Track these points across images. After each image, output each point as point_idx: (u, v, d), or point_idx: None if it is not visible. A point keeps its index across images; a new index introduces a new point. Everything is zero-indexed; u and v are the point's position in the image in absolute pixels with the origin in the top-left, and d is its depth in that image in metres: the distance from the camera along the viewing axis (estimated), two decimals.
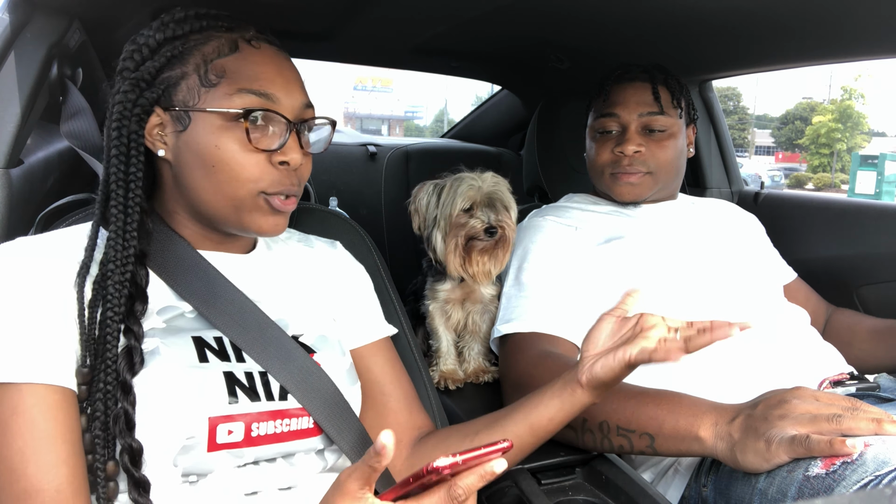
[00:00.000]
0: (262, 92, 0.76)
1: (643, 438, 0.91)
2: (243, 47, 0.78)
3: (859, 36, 1.40)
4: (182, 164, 0.78)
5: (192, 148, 0.76)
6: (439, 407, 1.07)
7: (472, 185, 1.22)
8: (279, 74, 0.79)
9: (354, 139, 2.64)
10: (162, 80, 0.76)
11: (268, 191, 0.78)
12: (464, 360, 1.36)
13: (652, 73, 1.32)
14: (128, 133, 0.75)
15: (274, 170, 0.78)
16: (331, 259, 0.99)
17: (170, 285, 0.78)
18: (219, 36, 0.78)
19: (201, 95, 0.76)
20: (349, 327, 0.95)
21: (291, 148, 0.78)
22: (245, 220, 0.79)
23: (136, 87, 0.76)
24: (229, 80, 0.76)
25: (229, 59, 0.77)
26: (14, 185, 1.02)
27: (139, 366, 0.69)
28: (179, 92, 0.76)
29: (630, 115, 1.30)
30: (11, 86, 1.02)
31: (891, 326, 1.30)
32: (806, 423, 0.78)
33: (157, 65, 0.76)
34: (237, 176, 0.76)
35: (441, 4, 1.33)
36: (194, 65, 0.76)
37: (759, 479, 0.82)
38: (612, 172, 1.32)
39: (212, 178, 0.76)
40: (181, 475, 0.70)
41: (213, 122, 0.75)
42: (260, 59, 0.79)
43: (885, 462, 0.70)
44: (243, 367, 0.76)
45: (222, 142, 0.75)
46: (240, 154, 0.76)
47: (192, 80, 0.76)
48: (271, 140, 0.77)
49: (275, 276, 0.89)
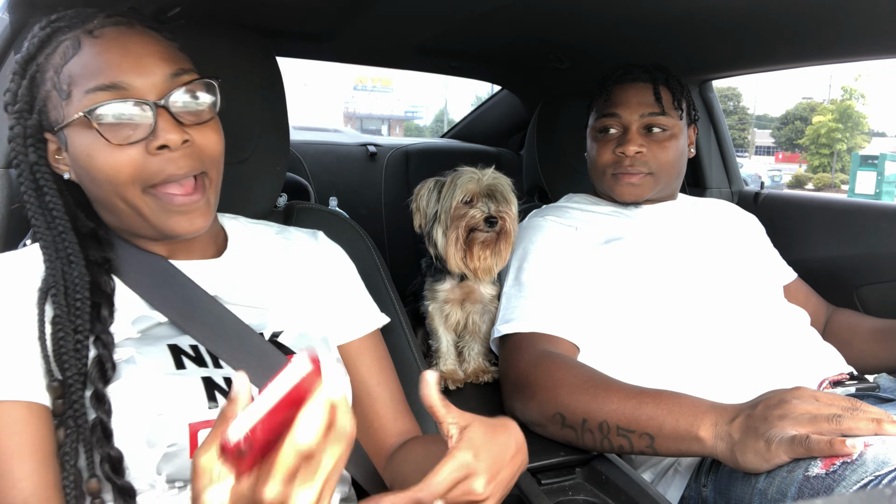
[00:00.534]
0: (108, 84, 0.70)
1: (643, 438, 0.91)
2: (85, 42, 0.72)
3: (859, 36, 1.40)
4: (81, 181, 0.75)
5: (76, 163, 0.73)
6: None
7: (471, 177, 1.23)
8: (124, 57, 0.72)
9: (354, 139, 2.64)
10: (36, 105, 0.74)
11: (152, 181, 0.72)
12: (464, 360, 1.36)
13: (653, 74, 1.32)
14: (29, 166, 0.73)
15: (155, 159, 0.71)
16: (311, 250, 0.96)
17: (144, 299, 0.77)
18: (64, 38, 0.73)
19: (64, 109, 0.71)
20: (335, 321, 0.93)
21: (164, 129, 0.71)
22: (156, 224, 0.74)
23: (19, 118, 0.73)
24: (77, 84, 0.70)
25: (73, 62, 0.71)
26: (14, 185, 1.02)
27: (111, 373, 0.69)
28: (51, 112, 0.73)
29: (631, 116, 1.30)
30: None
31: (891, 326, 1.30)
32: (806, 424, 0.78)
33: (25, 90, 0.73)
34: (115, 178, 0.71)
35: (441, 4, 1.33)
36: (51, 80, 0.72)
37: (758, 479, 0.82)
38: (614, 173, 1.32)
39: (99, 187, 0.73)
40: (166, 482, 0.70)
41: (78, 131, 0.71)
42: (101, 48, 0.72)
43: (885, 462, 0.70)
44: (221, 373, 0.76)
45: (91, 148, 0.70)
46: (110, 154, 0.70)
47: (54, 97, 0.72)
48: (138, 130, 0.71)
49: (249, 276, 0.87)
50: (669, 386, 0.96)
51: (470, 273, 1.26)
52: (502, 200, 1.23)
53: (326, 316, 0.92)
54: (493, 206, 1.22)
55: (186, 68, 0.76)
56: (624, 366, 1.14)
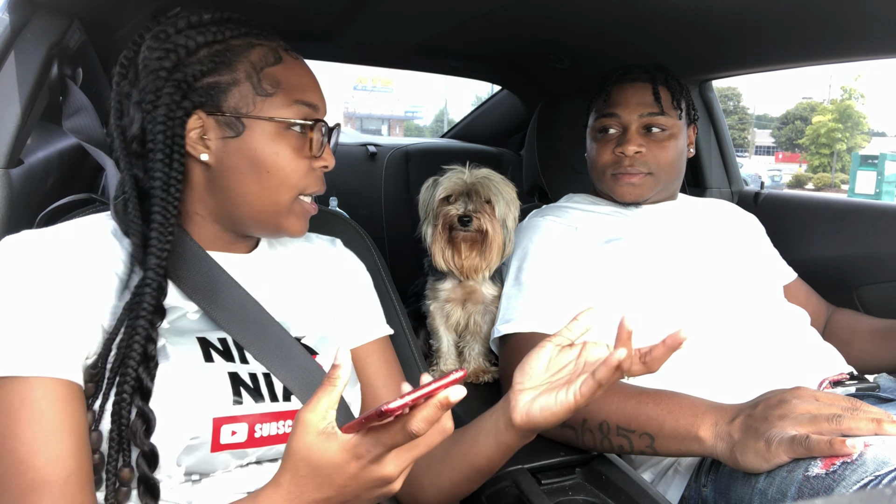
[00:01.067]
0: (311, 103, 0.81)
1: (643, 438, 0.91)
2: (285, 57, 0.81)
3: (859, 36, 1.40)
4: (226, 168, 0.78)
5: (245, 153, 0.77)
6: None
7: (454, 176, 1.24)
8: (317, 85, 0.84)
9: (354, 139, 2.64)
10: (208, 85, 0.76)
11: (305, 191, 0.82)
12: (464, 360, 1.36)
13: (653, 74, 1.32)
14: (172, 136, 0.75)
15: (313, 174, 0.83)
16: (331, 257, 0.99)
17: (175, 283, 0.78)
18: (259, 44, 0.80)
19: (257, 104, 0.77)
20: (348, 326, 0.95)
21: (328, 153, 0.84)
22: (282, 223, 0.82)
23: (178, 88, 0.75)
24: (283, 90, 0.79)
25: (278, 69, 0.79)
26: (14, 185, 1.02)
27: (155, 370, 0.70)
28: (230, 98, 0.77)
29: (631, 116, 1.30)
30: (11, 86, 1.02)
31: (891, 326, 1.30)
32: (806, 424, 0.78)
33: (202, 68, 0.76)
34: (287, 181, 0.80)
35: (441, 4, 1.33)
36: (245, 72, 0.77)
37: (758, 479, 0.82)
38: (613, 173, 1.32)
39: (262, 182, 0.79)
40: (184, 474, 0.70)
41: (270, 129, 0.78)
42: (301, 69, 0.83)
43: (885, 462, 0.70)
44: (247, 369, 0.76)
45: (279, 148, 0.78)
46: (293, 160, 0.80)
47: (245, 88, 0.77)
48: (316, 147, 0.82)
49: (276, 275, 0.89)
50: (669, 386, 0.96)
51: (457, 271, 1.27)
52: (480, 200, 1.24)
53: (341, 321, 0.95)
54: (470, 205, 1.22)
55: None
56: None
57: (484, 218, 1.23)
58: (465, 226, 1.22)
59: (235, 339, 0.78)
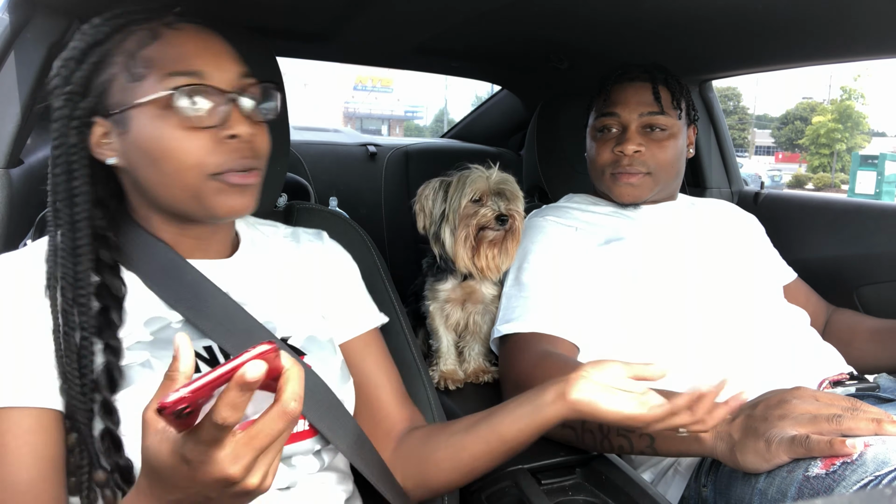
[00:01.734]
0: (189, 71, 0.73)
1: (643, 438, 0.91)
2: (164, 33, 0.75)
3: (859, 36, 1.40)
4: (133, 165, 0.76)
5: (137, 146, 0.74)
6: (438, 407, 1.07)
7: (480, 175, 1.23)
8: (206, 50, 0.76)
9: (354, 139, 2.64)
10: (94, 88, 0.74)
11: (219, 170, 0.74)
12: (464, 360, 1.36)
13: (652, 73, 1.32)
14: (67, 149, 0.73)
15: (223, 147, 0.74)
16: (317, 252, 0.97)
17: (156, 293, 0.77)
18: (138, 28, 0.75)
19: (133, 91, 0.73)
20: (339, 321, 0.94)
21: (236, 120, 0.75)
22: (208, 205, 0.76)
23: (69, 101, 0.73)
24: (155, 67, 0.73)
25: (152, 48, 0.74)
26: (14, 185, 1.02)
27: (119, 381, 0.69)
28: (113, 95, 0.74)
29: (630, 115, 1.30)
30: (11, 86, 1.02)
31: (891, 327, 1.30)
32: (806, 424, 0.78)
33: (84, 73, 0.74)
34: (183, 162, 0.73)
35: (441, 4, 1.33)
36: (120, 63, 0.74)
37: (758, 479, 0.82)
38: (612, 172, 1.31)
39: (161, 170, 0.74)
40: None
41: (150, 113, 0.73)
42: (182, 39, 0.76)
43: (885, 462, 0.70)
44: None
45: (162, 131, 0.72)
46: (183, 139, 0.73)
47: (121, 80, 0.74)
48: (211, 116, 0.74)
49: (260, 278, 0.88)
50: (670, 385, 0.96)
51: (477, 272, 1.26)
52: (512, 198, 1.24)
53: (332, 315, 0.94)
54: (504, 205, 1.22)
55: (250, 72, 0.80)
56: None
57: (519, 216, 1.24)
58: (502, 225, 1.22)
59: (222, 346, 0.77)
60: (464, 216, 1.22)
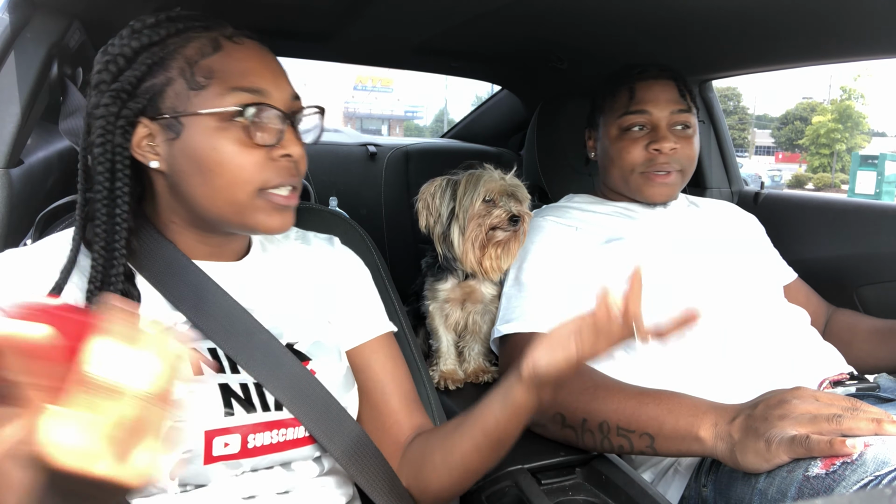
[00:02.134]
0: (253, 88, 0.74)
1: (643, 438, 0.91)
2: (225, 45, 0.75)
3: (859, 36, 1.40)
4: (178, 172, 0.75)
5: (187, 154, 0.74)
6: (439, 407, 1.07)
7: (492, 176, 1.24)
8: (266, 68, 0.77)
9: (354, 139, 2.64)
10: (145, 90, 0.73)
11: (267, 185, 0.75)
12: (464, 360, 1.36)
13: (674, 72, 1.32)
14: (112, 148, 0.72)
15: (274, 164, 0.75)
16: (329, 257, 0.97)
17: (161, 293, 0.77)
18: (198, 36, 0.75)
19: (191, 99, 0.73)
20: (348, 326, 0.93)
21: (290, 140, 0.76)
22: (250, 222, 0.77)
23: (117, 98, 0.72)
24: (218, 79, 0.73)
25: (214, 59, 0.74)
26: (14, 185, 1.02)
27: None
28: (167, 99, 0.73)
29: (661, 113, 1.28)
30: (11, 86, 1.02)
31: (891, 327, 1.30)
32: (806, 424, 0.78)
33: (137, 74, 0.73)
34: (237, 177, 0.74)
35: (441, 4, 1.33)
36: (178, 69, 0.73)
37: (758, 479, 0.82)
38: (643, 171, 1.30)
39: (211, 182, 0.74)
40: (178, 485, 0.70)
41: (208, 124, 0.73)
42: (245, 54, 0.76)
43: (885, 462, 0.70)
44: (238, 379, 0.76)
45: (220, 143, 0.73)
46: (239, 154, 0.73)
47: (179, 85, 0.73)
48: (269, 135, 0.75)
49: (268, 282, 0.87)
50: (670, 386, 0.96)
51: (480, 272, 1.26)
52: (523, 199, 1.26)
53: (339, 321, 0.93)
54: (516, 206, 1.23)
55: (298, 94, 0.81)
56: (625, 365, 1.14)
57: (527, 219, 1.25)
58: (514, 226, 1.23)
59: (222, 348, 0.76)
60: (475, 216, 1.22)
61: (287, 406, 0.77)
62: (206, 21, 0.77)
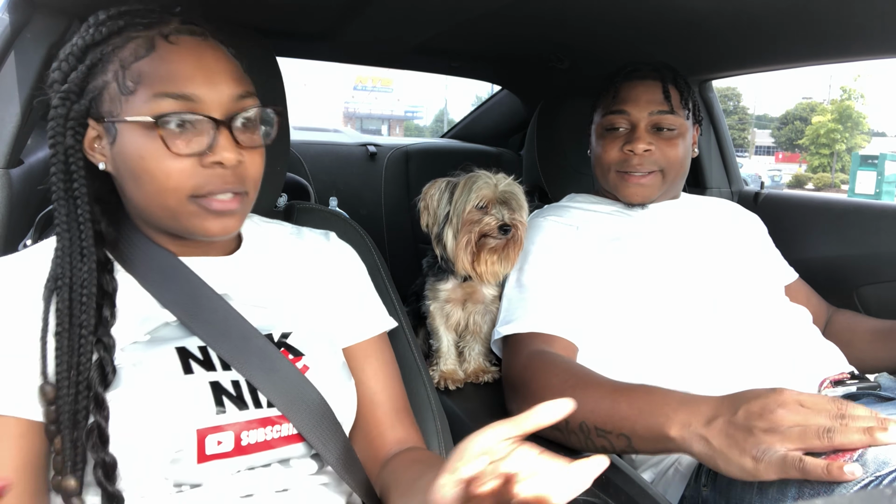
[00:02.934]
0: (179, 94, 0.71)
1: (621, 439, 0.90)
2: (160, 45, 0.73)
3: (859, 36, 1.40)
4: (120, 175, 0.75)
5: (122, 159, 0.73)
6: (439, 407, 1.07)
7: (487, 182, 1.22)
8: (198, 69, 0.73)
9: (354, 139, 2.64)
10: (88, 91, 0.73)
11: (200, 192, 0.73)
12: (464, 360, 1.36)
13: (662, 72, 1.31)
14: (64, 149, 0.72)
15: (205, 171, 0.73)
16: (323, 251, 0.96)
17: (153, 294, 0.77)
18: (137, 36, 0.73)
19: (122, 104, 0.72)
20: (343, 323, 0.92)
21: (223, 147, 0.72)
22: (187, 226, 0.75)
23: (65, 100, 0.72)
24: (145, 84, 0.71)
25: (145, 62, 0.72)
26: (14, 185, 1.02)
27: (111, 377, 0.69)
28: (104, 102, 0.73)
29: (640, 113, 1.28)
30: (11, 86, 1.02)
31: (891, 327, 1.29)
32: (795, 439, 0.73)
33: (81, 75, 0.72)
34: (163, 185, 0.72)
35: (441, 4, 1.33)
36: (113, 72, 0.72)
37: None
38: (620, 171, 1.30)
39: (142, 188, 0.73)
40: (173, 486, 0.70)
41: (135, 131, 0.71)
42: (177, 55, 0.73)
43: (886, 463, 0.70)
44: (229, 376, 0.75)
45: (146, 151, 0.71)
46: (165, 162, 0.71)
47: (113, 89, 0.72)
48: (197, 143, 0.72)
49: (260, 275, 0.87)
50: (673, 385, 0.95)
51: (476, 276, 1.26)
52: (517, 208, 1.23)
53: (335, 316, 0.92)
54: (508, 214, 1.21)
55: (250, 91, 0.78)
56: (626, 365, 1.14)
57: (522, 226, 1.22)
58: (505, 234, 1.21)
59: (217, 352, 0.76)
60: (466, 222, 1.21)
61: (282, 409, 0.76)
62: (151, 17, 0.75)
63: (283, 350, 0.81)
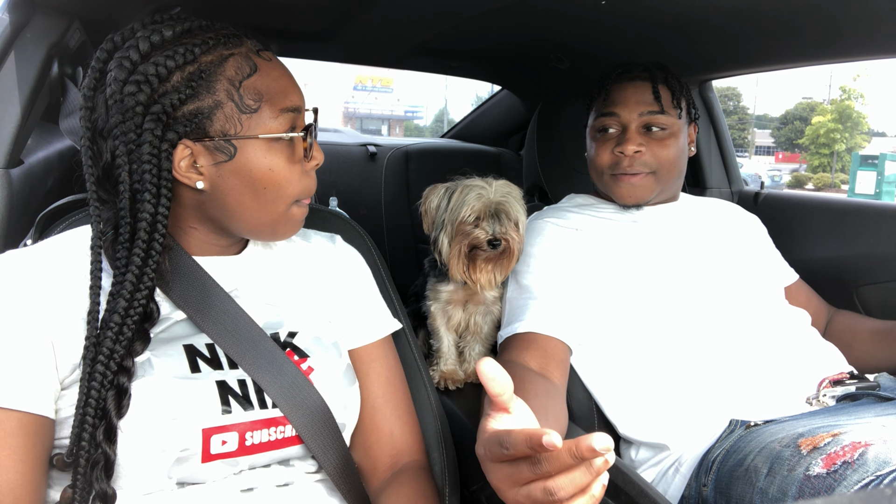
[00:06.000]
0: (294, 107, 0.79)
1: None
2: (259, 63, 0.78)
3: (859, 36, 1.40)
4: (222, 190, 0.76)
5: (240, 174, 0.76)
6: (439, 407, 1.07)
7: (479, 194, 1.20)
8: (294, 84, 0.81)
9: (354, 139, 2.64)
10: (190, 113, 0.73)
11: (303, 195, 0.82)
12: (464, 360, 1.36)
13: (652, 72, 1.31)
14: (159, 172, 0.72)
15: (306, 177, 0.82)
16: (329, 254, 0.97)
17: (164, 292, 0.77)
18: (230, 53, 0.75)
19: (243, 122, 0.75)
20: (348, 326, 0.93)
21: (317, 149, 0.83)
22: (278, 230, 0.83)
23: (159, 122, 0.71)
24: (268, 102, 0.76)
25: (256, 80, 0.76)
26: (14, 185, 1.02)
27: (127, 409, 0.67)
28: (216, 122, 0.74)
29: (630, 115, 1.29)
30: (11, 86, 1.02)
31: (891, 328, 1.29)
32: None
33: (180, 96, 0.72)
34: (284, 192, 0.79)
35: (441, 4, 1.33)
36: (225, 91, 0.74)
37: (759, 478, 0.82)
38: (612, 173, 1.31)
39: (260, 198, 0.78)
40: (176, 483, 0.70)
41: (262, 145, 0.76)
42: (277, 72, 0.79)
43: (886, 462, 0.70)
44: (236, 375, 0.76)
45: (274, 163, 0.77)
46: (287, 170, 0.78)
47: (229, 108, 0.74)
48: (300, 151, 0.80)
49: (269, 273, 0.88)
50: (672, 387, 0.95)
51: (472, 283, 1.25)
52: (507, 221, 1.20)
53: (340, 319, 0.93)
54: (499, 228, 1.19)
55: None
56: (626, 366, 1.14)
57: (512, 240, 1.21)
58: (494, 248, 1.20)
59: (226, 351, 0.76)
60: (459, 233, 1.21)
61: (286, 412, 0.77)
62: (228, 32, 0.77)
63: (288, 350, 0.81)
